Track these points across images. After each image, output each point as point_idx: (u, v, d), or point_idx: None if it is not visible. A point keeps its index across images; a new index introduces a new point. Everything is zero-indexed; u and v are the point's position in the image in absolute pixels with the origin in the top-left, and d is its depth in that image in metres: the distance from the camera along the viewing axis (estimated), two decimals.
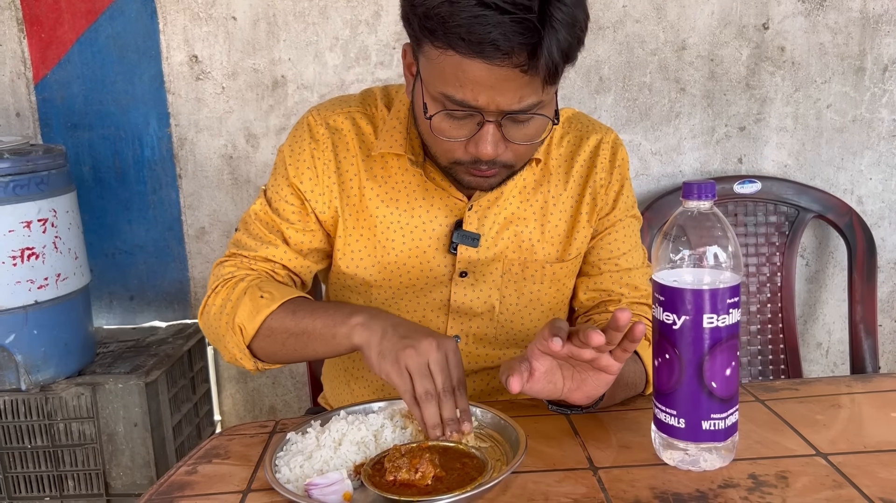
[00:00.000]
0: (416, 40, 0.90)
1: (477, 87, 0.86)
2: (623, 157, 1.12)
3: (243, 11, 1.89)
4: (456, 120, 0.91)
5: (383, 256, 1.08)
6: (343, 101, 1.12)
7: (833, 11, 1.87)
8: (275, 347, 1.01)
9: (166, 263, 2.03)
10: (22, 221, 1.59)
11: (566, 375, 0.86)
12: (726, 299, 0.76)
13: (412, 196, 1.07)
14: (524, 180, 1.08)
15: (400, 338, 0.88)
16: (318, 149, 1.07)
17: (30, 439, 1.69)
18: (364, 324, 0.92)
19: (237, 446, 0.94)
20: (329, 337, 0.95)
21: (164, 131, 1.96)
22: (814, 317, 2.04)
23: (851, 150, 1.94)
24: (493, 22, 0.80)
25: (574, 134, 1.11)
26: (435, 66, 0.88)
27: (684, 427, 0.79)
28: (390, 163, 1.07)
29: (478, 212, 1.06)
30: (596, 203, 1.10)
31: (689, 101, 1.93)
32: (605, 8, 1.88)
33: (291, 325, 0.98)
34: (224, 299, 1.03)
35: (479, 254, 1.07)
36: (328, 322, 0.95)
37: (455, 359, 0.87)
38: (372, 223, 1.08)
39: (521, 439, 0.83)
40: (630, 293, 1.10)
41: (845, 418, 0.96)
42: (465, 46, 0.82)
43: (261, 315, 0.99)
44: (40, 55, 1.92)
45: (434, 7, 0.83)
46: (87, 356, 1.77)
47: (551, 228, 1.10)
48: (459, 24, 0.81)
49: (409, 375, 0.85)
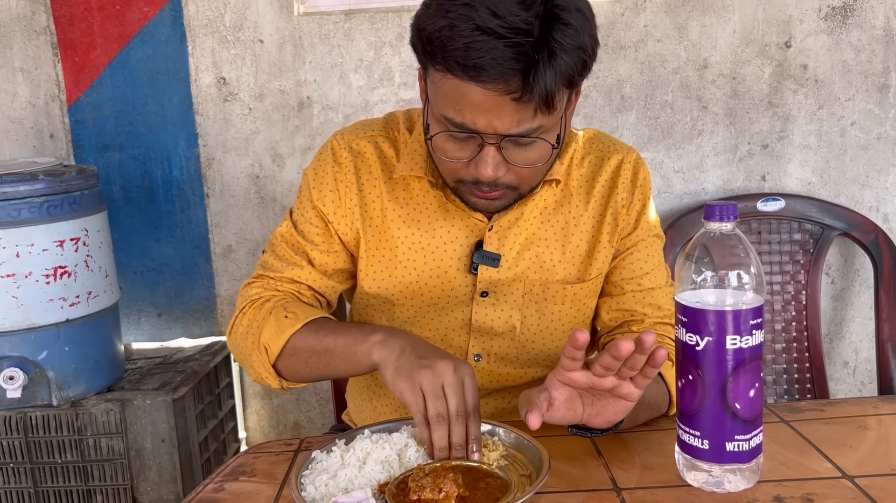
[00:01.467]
0: (422, 64, 0.93)
1: (475, 110, 0.88)
2: (645, 177, 1.12)
3: (270, 34, 1.93)
4: (457, 141, 0.93)
5: (405, 276, 1.10)
6: (366, 125, 1.14)
7: (856, 29, 1.87)
8: (298, 366, 1.03)
9: (193, 281, 2.06)
10: (55, 240, 1.63)
11: (586, 402, 0.87)
12: (749, 320, 0.77)
13: (433, 217, 1.08)
14: (545, 201, 1.09)
15: (417, 357, 0.89)
16: (340, 172, 1.09)
17: (60, 454, 1.72)
18: (382, 342, 0.93)
19: (263, 464, 0.95)
20: (350, 355, 0.97)
21: (192, 151, 2.00)
22: (840, 335, 2.02)
23: (877, 168, 1.93)
24: (488, 47, 0.82)
25: (595, 154, 1.12)
26: (438, 89, 0.90)
27: (708, 448, 0.79)
28: (412, 185, 1.09)
29: (498, 232, 1.07)
30: (617, 223, 1.10)
31: (712, 119, 1.93)
32: (626, 27, 1.89)
33: (314, 344, 1.00)
34: (251, 319, 1.06)
35: (500, 274, 1.08)
36: (349, 340, 0.97)
37: (471, 385, 0.87)
38: (394, 244, 1.09)
39: (544, 459, 0.84)
40: (653, 313, 1.10)
41: (872, 440, 0.95)
42: (461, 70, 0.85)
43: (285, 334, 1.01)
44: (74, 78, 1.97)
45: (435, 32, 0.85)
46: (116, 372, 1.80)
47: (572, 249, 1.10)
48: (457, 48, 0.83)
49: (422, 395, 0.86)
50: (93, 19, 1.94)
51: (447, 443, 0.84)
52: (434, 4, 0.87)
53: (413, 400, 0.86)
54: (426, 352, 0.90)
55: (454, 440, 0.84)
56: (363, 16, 1.91)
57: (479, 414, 0.88)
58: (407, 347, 0.91)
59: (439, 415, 0.84)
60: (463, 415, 0.85)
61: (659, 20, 1.88)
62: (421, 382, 0.86)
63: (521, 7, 0.83)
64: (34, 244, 1.60)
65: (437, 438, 0.84)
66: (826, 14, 1.87)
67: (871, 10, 1.85)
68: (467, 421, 0.86)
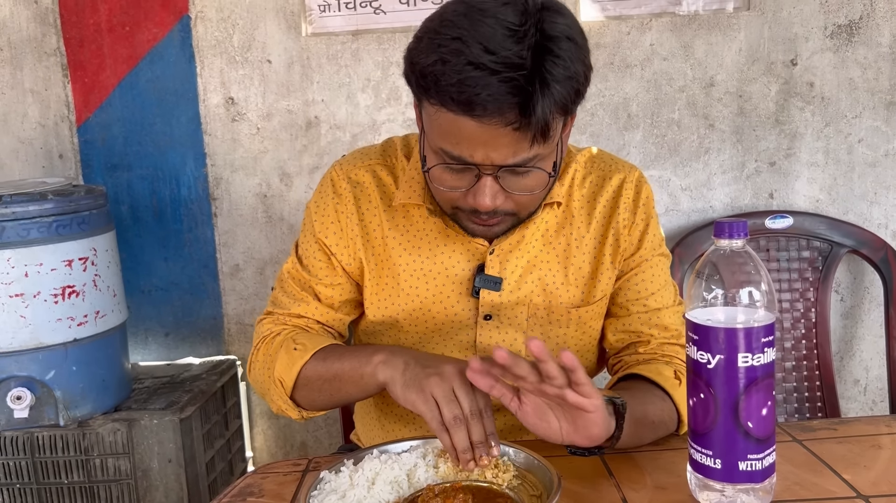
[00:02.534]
0: (416, 96, 0.94)
1: (471, 143, 0.88)
2: (648, 195, 1.11)
3: (278, 55, 1.94)
4: (454, 172, 0.93)
5: (408, 303, 1.10)
6: (364, 153, 1.14)
7: (862, 47, 1.87)
8: (313, 395, 1.04)
9: (201, 300, 2.07)
10: (64, 260, 1.63)
11: (558, 415, 0.85)
12: (761, 338, 0.76)
13: (434, 243, 1.08)
14: (546, 223, 1.09)
15: (422, 367, 0.90)
16: (341, 203, 1.10)
17: (67, 474, 1.71)
18: (385, 361, 0.94)
19: (271, 484, 0.94)
20: (357, 378, 0.98)
21: (200, 171, 2.01)
22: (850, 353, 2.01)
23: (885, 185, 1.92)
24: (483, 83, 0.82)
25: (597, 174, 1.11)
26: (433, 122, 0.91)
27: (720, 468, 0.79)
28: (411, 211, 1.09)
29: (499, 255, 1.07)
30: (619, 244, 1.09)
31: (719, 137, 1.93)
32: (632, 46, 1.90)
33: (323, 372, 1.01)
34: (265, 355, 1.08)
35: (503, 297, 1.08)
36: (354, 364, 0.98)
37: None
38: (396, 271, 1.09)
39: (554, 479, 0.83)
40: (660, 334, 1.09)
41: (886, 459, 0.94)
42: (456, 106, 0.85)
43: (296, 366, 1.03)
44: (83, 99, 1.99)
45: (427, 66, 0.85)
46: (124, 392, 1.80)
47: (575, 271, 1.09)
48: (451, 83, 0.83)
49: (435, 402, 0.86)
50: (102, 41, 1.96)
51: (469, 444, 0.85)
52: (426, 38, 0.88)
53: (426, 408, 0.87)
54: (430, 362, 0.91)
55: (474, 438, 0.85)
56: (370, 36, 1.92)
57: (492, 408, 0.89)
58: (410, 361, 0.93)
59: (456, 417, 0.85)
60: (478, 414, 0.86)
61: (665, 39, 1.89)
62: (431, 390, 0.87)
63: (513, 41, 0.83)
64: (43, 264, 1.61)
65: (458, 440, 0.84)
66: (832, 32, 1.87)
67: (876, 28, 1.86)
68: (482, 418, 0.86)
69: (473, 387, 0.87)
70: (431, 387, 0.87)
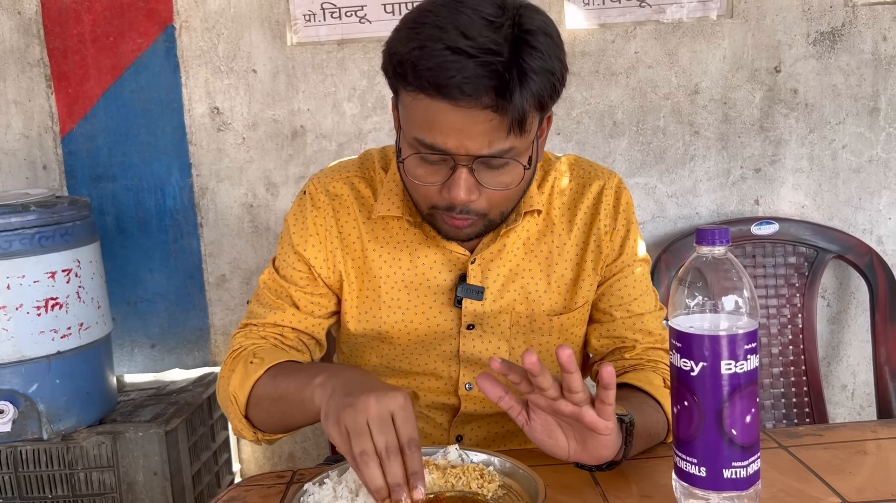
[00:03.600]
0: (393, 88, 0.94)
1: (446, 130, 0.87)
2: (627, 201, 1.11)
3: (263, 64, 1.94)
4: (430, 165, 0.92)
5: (390, 315, 1.09)
6: (342, 166, 1.14)
7: (845, 54, 1.88)
8: (263, 416, 0.99)
9: (187, 311, 2.05)
10: (47, 272, 1.62)
11: (568, 435, 0.85)
12: (744, 345, 0.76)
13: (414, 254, 1.08)
14: (527, 231, 1.09)
15: (343, 396, 0.82)
16: (319, 216, 1.09)
17: (51, 489, 1.69)
18: (322, 385, 0.88)
19: (255, 497, 0.93)
20: (298, 401, 0.91)
21: (185, 181, 2.00)
22: (837, 358, 2.01)
23: (869, 190, 1.93)
24: (459, 66, 0.83)
25: (576, 181, 1.11)
26: (408, 112, 0.91)
27: (705, 475, 0.78)
28: (391, 223, 1.09)
29: (481, 265, 1.07)
30: (601, 250, 1.09)
31: (704, 144, 1.94)
32: (617, 54, 1.90)
33: (272, 391, 0.96)
34: (228, 369, 1.04)
35: (485, 307, 1.08)
36: (298, 385, 0.92)
37: (403, 416, 0.79)
38: (376, 284, 1.09)
39: (540, 489, 0.82)
40: (644, 339, 1.09)
41: (872, 465, 0.94)
42: (433, 89, 0.85)
43: (249, 381, 0.99)
44: (67, 110, 1.98)
45: (405, 53, 0.86)
46: (108, 405, 1.78)
47: (557, 279, 1.09)
48: (428, 67, 0.84)
49: (347, 435, 0.79)
50: (86, 51, 1.95)
51: (383, 483, 0.76)
52: (404, 29, 0.89)
53: (339, 441, 0.79)
54: (353, 389, 0.82)
55: (390, 479, 0.76)
56: (356, 45, 1.92)
57: (419, 445, 0.79)
58: (338, 387, 0.85)
59: (363, 453, 0.76)
60: (395, 451, 0.77)
61: (649, 47, 1.90)
62: (345, 422, 0.79)
63: (490, 29, 0.84)
64: (25, 276, 1.59)
65: (369, 478, 0.76)
66: (815, 39, 1.88)
67: (858, 35, 1.87)
68: (403, 456, 0.77)
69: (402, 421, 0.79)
70: (345, 419, 0.78)
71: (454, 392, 1.11)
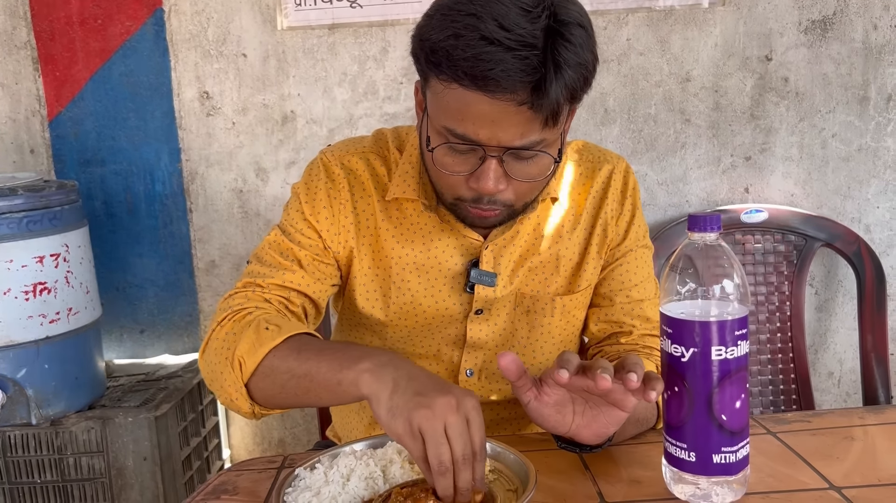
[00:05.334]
0: (423, 75, 0.92)
1: (479, 121, 0.86)
2: (634, 186, 1.12)
3: (253, 48, 1.92)
4: (458, 154, 0.91)
5: (398, 297, 1.08)
6: (356, 142, 1.12)
7: (836, 42, 1.89)
8: (274, 389, 0.92)
9: (176, 297, 2.04)
10: (35, 256, 1.61)
11: (577, 410, 0.85)
12: (734, 331, 0.77)
13: (428, 237, 1.07)
14: (538, 216, 1.08)
15: (413, 394, 0.78)
16: (334, 188, 1.07)
17: (40, 474, 1.69)
18: (373, 372, 0.83)
19: (245, 482, 0.93)
20: (334, 383, 0.86)
21: (175, 166, 1.99)
22: (825, 346, 2.03)
23: (858, 179, 1.94)
24: (497, 58, 0.81)
25: (585, 165, 1.11)
26: (440, 100, 0.89)
27: (695, 460, 0.79)
28: (405, 205, 1.07)
29: (493, 251, 1.06)
30: (606, 234, 1.10)
31: (695, 132, 1.94)
32: (609, 41, 1.90)
33: (295, 366, 0.90)
34: (228, 332, 0.96)
35: (497, 292, 1.07)
36: (334, 365, 0.86)
37: (477, 421, 0.78)
38: (387, 264, 1.08)
39: (530, 474, 0.82)
40: (641, 325, 1.10)
41: (859, 450, 0.95)
42: (468, 80, 0.83)
43: (263, 348, 0.91)
44: (55, 93, 1.96)
45: (440, 41, 0.84)
46: (98, 390, 1.78)
47: (565, 262, 1.10)
48: (465, 58, 0.82)
49: (422, 439, 0.76)
50: (74, 34, 1.93)
51: (452, 492, 0.76)
52: (438, 15, 0.86)
53: (413, 445, 0.77)
54: (423, 387, 0.79)
55: (460, 486, 0.76)
56: (347, 30, 1.91)
57: (486, 451, 0.79)
58: (402, 381, 0.80)
59: (441, 463, 0.75)
60: (469, 460, 0.76)
61: (641, 34, 1.90)
62: (420, 424, 0.75)
63: (527, 20, 0.82)
64: (13, 260, 1.58)
65: (441, 488, 0.76)
66: (806, 27, 1.89)
67: (849, 24, 1.88)
68: (473, 462, 0.77)
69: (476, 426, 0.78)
70: (420, 421, 0.75)
71: (454, 378, 1.11)
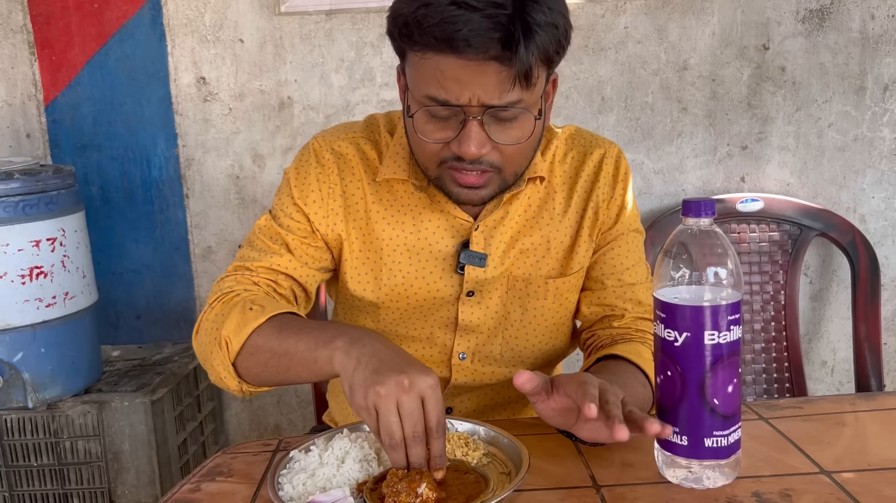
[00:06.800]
0: (399, 52, 0.94)
1: (456, 84, 0.88)
2: (626, 171, 1.13)
3: (250, 34, 1.92)
4: (439, 120, 0.93)
5: (390, 279, 1.09)
6: (347, 127, 1.13)
7: (833, 32, 1.89)
8: (258, 368, 0.95)
9: (173, 282, 2.04)
10: (31, 240, 1.61)
11: (581, 417, 0.84)
12: (727, 316, 0.77)
13: (418, 218, 1.08)
14: (529, 199, 1.09)
15: (371, 371, 0.81)
16: (323, 173, 1.08)
17: (36, 457, 1.69)
18: (344, 349, 0.85)
19: (240, 464, 0.94)
20: (311, 360, 0.89)
21: (171, 152, 1.98)
22: (818, 335, 2.04)
23: (853, 169, 1.95)
24: (465, 19, 0.84)
25: (577, 150, 1.12)
26: (417, 72, 0.91)
27: (687, 444, 0.80)
28: (395, 187, 1.08)
29: (484, 232, 1.07)
30: (598, 217, 1.11)
31: (691, 121, 1.94)
32: (606, 29, 1.90)
33: (275, 345, 0.92)
34: (217, 313, 0.99)
35: (487, 273, 1.08)
36: (310, 344, 0.89)
37: (433, 399, 0.80)
38: (378, 246, 1.08)
39: (524, 457, 0.83)
40: (633, 308, 1.11)
41: (850, 436, 0.96)
42: (440, 44, 0.86)
43: (247, 328, 0.94)
44: (51, 77, 1.95)
45: (410, 13, 0.87)
46: (94, 374, 1.78)
47: (556, 245, 1.10)
48: (434, 23, 0.85)
49: (376, 415, 0.79)
50: (70, 18, 1.92)
51: (405, 464, 0.79)
52: None
53: (369, 420, 0.80)
54: (381, 365, 0.81)
55: (412, 461, 0.79)
56: (344, 16, 1.90)
57: (444, 429, 0.81)
58: (364, 358, 0.83)
59: (391, 438, 0.78)
60: (421, 436, 0.79)
61: (639, 22, 1.90)
62: (375, 401, 0.78)
63: None
64: (9, 244, 1.58)
65: (394, 460, 0.79)
66: (803, 17, 1.88)
67: (847, 13, 1.88)
68: (429, 439, 0.79)
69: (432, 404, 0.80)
70: (373, 398, 0.78)
71: (447, 362, 1.12)
